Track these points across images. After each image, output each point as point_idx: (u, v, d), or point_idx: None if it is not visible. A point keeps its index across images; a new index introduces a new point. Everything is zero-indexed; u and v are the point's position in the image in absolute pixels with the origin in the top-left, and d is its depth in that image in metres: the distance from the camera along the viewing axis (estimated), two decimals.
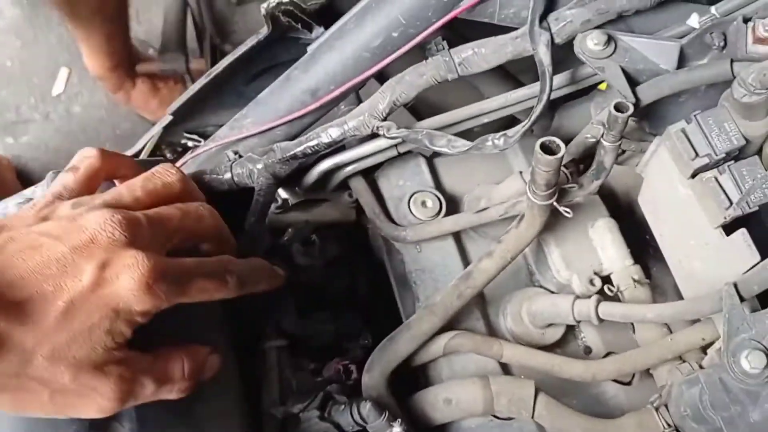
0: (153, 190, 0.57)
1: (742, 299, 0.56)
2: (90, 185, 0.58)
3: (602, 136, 0.65)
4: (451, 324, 0.73)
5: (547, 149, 0.63)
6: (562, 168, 0.70)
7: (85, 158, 0.58)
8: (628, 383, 0.73)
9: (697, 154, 0.60)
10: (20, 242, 0.49)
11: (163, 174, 0.58)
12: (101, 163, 0.58)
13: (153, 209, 0.54)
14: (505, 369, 0.73)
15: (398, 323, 0.72)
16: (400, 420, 0.66)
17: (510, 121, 0.81)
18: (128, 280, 0.48)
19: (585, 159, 0.76)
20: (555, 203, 0.69)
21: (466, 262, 0.78)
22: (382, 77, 0.77)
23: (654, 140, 0.67)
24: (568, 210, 0.69)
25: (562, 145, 0.64)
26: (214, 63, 1.11)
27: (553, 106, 0.85)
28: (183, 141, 0.86)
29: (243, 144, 0.79)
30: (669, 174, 0.65)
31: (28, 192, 0.65)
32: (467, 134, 0.74)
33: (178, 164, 0.79)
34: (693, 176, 0.62)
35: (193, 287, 0.52)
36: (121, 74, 1.78)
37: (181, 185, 0.58)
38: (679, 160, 0.62)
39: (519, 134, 0.67)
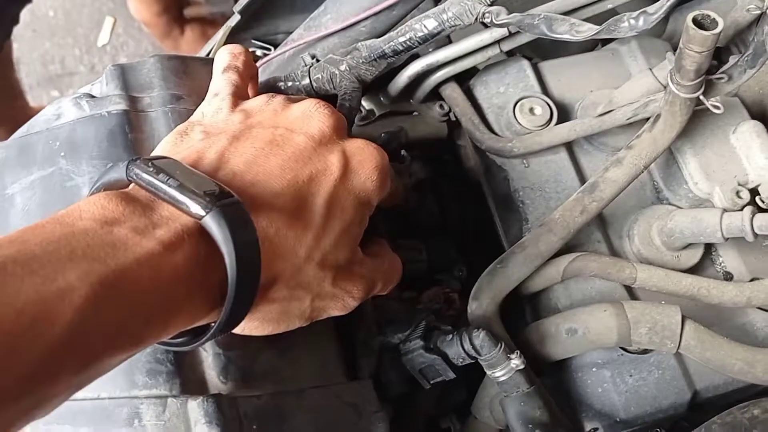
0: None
1: None
2: (251, 82, 0.56)
3: None
4: (567, 248, 0.63)
5: (699, 25, 0.52)
6: None
7: (239, 55, 0.54)
8: None
9: None
10: (258, 139, 0.45)
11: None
12: (250, 57, 0.56)
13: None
14: (634, 297, 0.63)
15: (496, 255, 0.62)
16: (518, 352, 0.56)
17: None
18: (371, 171, 0.48)
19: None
20: (702, 97, 0.58)
21: (582, 177, 0.67)
22: None
23: None
24: (718, 104, 0.58)
25: (719, 18, 0.52)
26: None
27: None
28: (251, 50, 0.76)
29: (321, 45, 0.69)
30: None
31: (85, 89, 0.56)
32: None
33: None
34: None
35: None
36: (168, 20, 1.70)
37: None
38: None
39: (663, 10, 0.56)
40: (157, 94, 0.55)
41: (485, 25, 0.67)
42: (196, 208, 0.38)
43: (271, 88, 0.67)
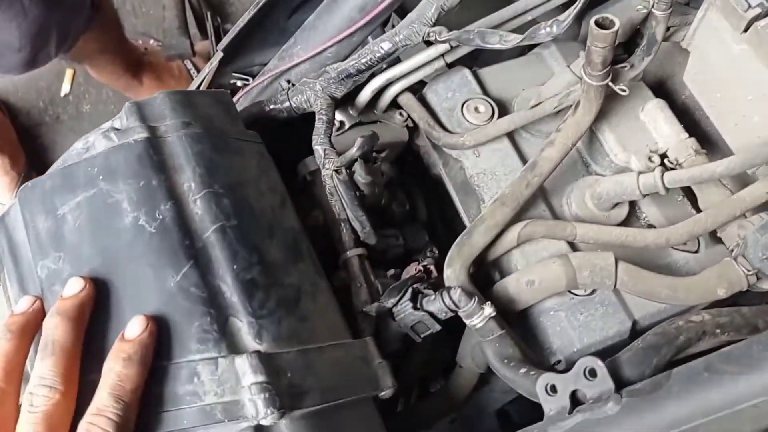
0: None
1: None
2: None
3: (653, 6, 0.68)
4: (519, 220, 0.76)
5: (600, 26, 0.66)
6: None
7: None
8: (696, 251, 0.76)
9: (750, 5, 0.63)
10: None
11: None
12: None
13: None
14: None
15: (460, 234, 0.74)
16: (489, 302, 0.69)
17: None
18: None
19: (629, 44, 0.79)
20: (610, 83, 0.72)
21: (524, 160, 0.81)
22: None
23: (701, 6, 0.70)
24: (623, 88, 0.72)
25: (615, 19, 0.67)
26: (218, 42, 1.13)
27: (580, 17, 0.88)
28: (231, 81, 0.88)
29: (295, 71, 0.81)
30: (720, 36, 0.68)
31: (107, 125, 0.67)
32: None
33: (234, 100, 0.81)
34: (746, 29, 0.65)
35: None
36: (128, 78, 1.80)
37: None
38: (731, 16, 0.65)
39: (570, 17, 0.70)
40: (171, 122, 0.66)
41: (430, 43, 0.80)
42: None
43: (258, 111, 0.79)
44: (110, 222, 0.60)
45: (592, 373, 0.58)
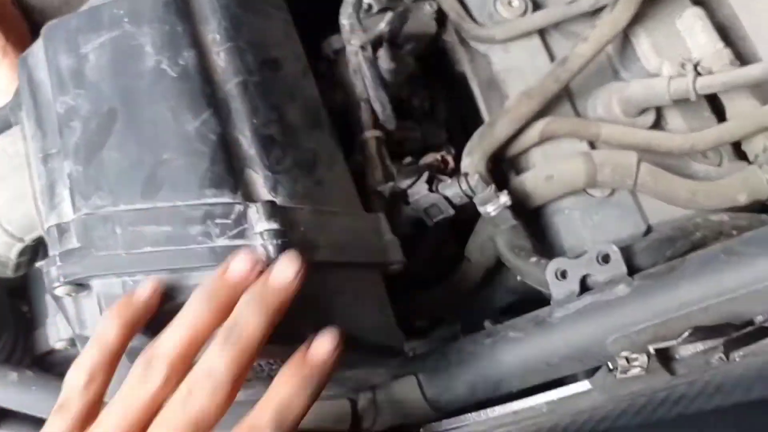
0: None
1: None
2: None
3: None
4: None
5: None
6: None
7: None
8: (718, 165, 0.75)
9: None
10: None
11: None
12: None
13: None
14: None
15: None
16: (506, 191, 0.68)
17: None
18: None
19: None
20: None
21: (553, 60, 0.79)
22: None
23: None
24: None
25: None
26: None
27: None
28: None
29: None
30: None
31: None
32: None
33: None
34: None
35: None
36: None
37: None
38: None
39: None
40: None
41: None
42: None
43: None
44: (133, 64, 0.58)
45: (606, 258, 0.58)
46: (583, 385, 0.56)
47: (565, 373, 0.60)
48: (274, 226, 0.53)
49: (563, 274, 0.60)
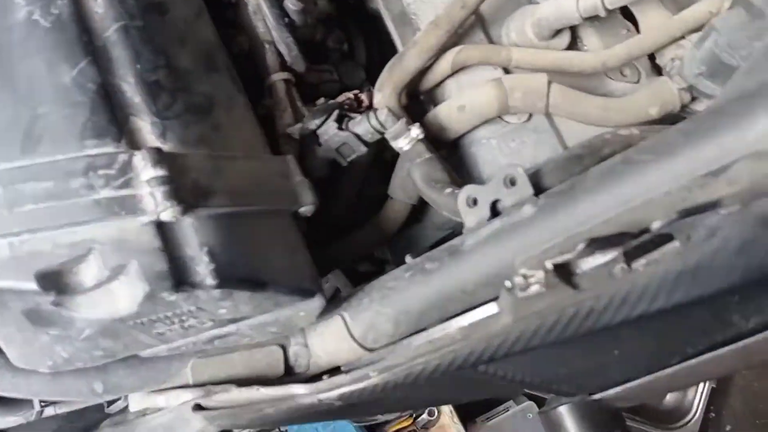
0: None
1: None
2: None
3: None
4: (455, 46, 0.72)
5: None
6: None
7: None
8: (636, 82, 0.73)
9: None
10: None
11: None
12: None
13: None
14: None
15: None
16: (418, 123, 0.66)
17: None
18: None
19: None
20: None
21: None
22: None
23: None
24: None
25: None
26: None
27: None
28: None
29: None
30: None
31: None
32: None
33: None
34: None
35: None
36: None
37: None
38: None
39: None
40: None
41: None
42: None
43: None
44: (2, 17, 0.55)
45: (513, 181, 0.57)
46: (490, 308, 0.55)
47: (483, 299, 0.60)
48: (161, 172, 0.51)
49: (474, 202, 0.59)
